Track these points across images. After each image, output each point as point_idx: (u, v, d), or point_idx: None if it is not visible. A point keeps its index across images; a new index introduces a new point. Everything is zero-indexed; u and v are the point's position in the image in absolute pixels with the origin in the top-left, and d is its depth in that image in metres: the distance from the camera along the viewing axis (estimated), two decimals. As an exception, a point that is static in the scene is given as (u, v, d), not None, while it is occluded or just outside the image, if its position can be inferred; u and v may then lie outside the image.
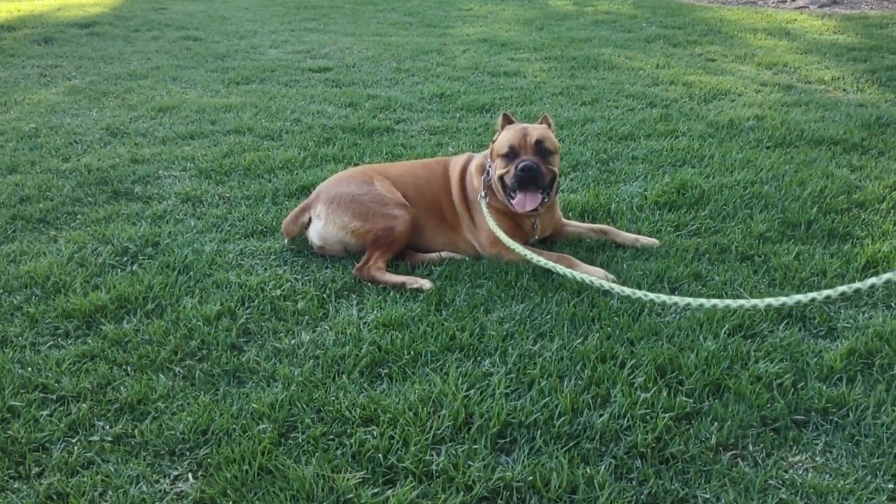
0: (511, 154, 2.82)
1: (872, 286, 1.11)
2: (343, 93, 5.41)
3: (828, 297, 1.20)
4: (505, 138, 2.86)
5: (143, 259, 2.92)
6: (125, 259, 2.93)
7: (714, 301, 2.06)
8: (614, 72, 6.06)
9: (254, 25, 8.15)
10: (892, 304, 2.53)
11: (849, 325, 2.39)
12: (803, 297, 1.32)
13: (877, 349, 2.24)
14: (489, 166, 2.92)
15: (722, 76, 5.83)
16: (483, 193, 2.88)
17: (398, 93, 5.43)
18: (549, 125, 2.95)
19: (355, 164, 3.68)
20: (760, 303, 1.77)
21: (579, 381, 2.13)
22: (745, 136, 4.30)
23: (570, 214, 3.29)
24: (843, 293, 1.20)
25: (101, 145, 4.24)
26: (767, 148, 4.12)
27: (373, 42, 7.35)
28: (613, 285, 2.29)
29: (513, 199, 2.82)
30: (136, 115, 4.82)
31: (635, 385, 2.10)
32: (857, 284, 1.14)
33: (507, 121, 2.96)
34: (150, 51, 6.79)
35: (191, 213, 3.35)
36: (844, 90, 5.43)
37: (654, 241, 3.01)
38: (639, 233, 3.09)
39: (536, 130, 2.85)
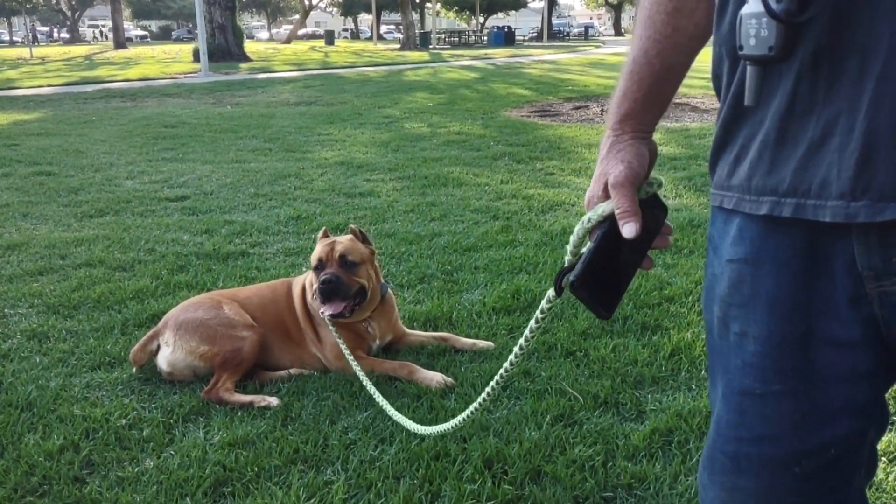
0: (319, 267, 3.02)
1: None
2: (199, 220, 5.53)
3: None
4: (315, 253, 3.06)
5: (-16, 400, 2.89)
6: (-36, 401, 2.88)
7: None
8: (462, 188, 6.49)
9: (110, 158, 8.19)
10: (693, 385, 2.86)
11: (654, 408, 2.69)
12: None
13: (676, 427, 2.53)
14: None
15: (559, 189, 6.37)
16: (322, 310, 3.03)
17: (255, 217, 5.60)
18: (357, 236, 3.10)
19: (208, 290, 3.78)
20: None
21: (414, 481, 2.29)
22: (576, 243, 4.71)
23: (414, 325, 3.51)
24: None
25: (-58, 287, 4.15)
26: (594, 252, 4.53)
27: (232, 169, 7.54)
28: None
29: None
30: (-18, 253, 4.75)
31: (464, 479, 2.28)
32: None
33: (325, 235, 3.16)
34: (0, 188, 6.69)
35: (36, 349, 3.34)
36: (665, 196, 6.05)
37: (489, 344, 3.25)
38: (476, 337, 3.34)
39: (341, 244, 3.03)
